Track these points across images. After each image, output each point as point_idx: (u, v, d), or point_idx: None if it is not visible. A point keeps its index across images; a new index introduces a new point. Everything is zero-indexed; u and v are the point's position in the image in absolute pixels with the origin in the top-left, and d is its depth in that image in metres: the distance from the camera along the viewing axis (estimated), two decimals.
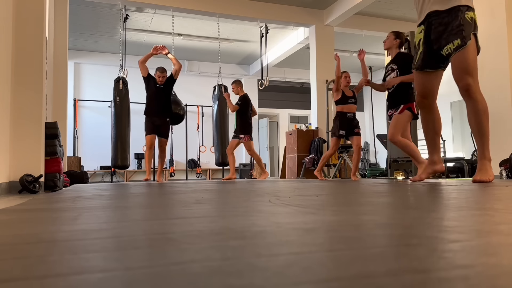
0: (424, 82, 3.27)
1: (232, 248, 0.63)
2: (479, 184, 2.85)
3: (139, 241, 0.72)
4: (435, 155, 3.39)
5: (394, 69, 4.41)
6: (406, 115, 4.30)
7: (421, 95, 3.32)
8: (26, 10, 3.73)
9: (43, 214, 1.38)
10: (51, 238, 0.81)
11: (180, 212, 1.30)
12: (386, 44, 4.52)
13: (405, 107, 4.30)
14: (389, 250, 0.60)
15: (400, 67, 4.35)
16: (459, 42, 2.98)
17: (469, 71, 2.97)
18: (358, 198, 1.84)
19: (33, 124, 3.64)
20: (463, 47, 2.97)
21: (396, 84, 4.37)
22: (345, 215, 1.11)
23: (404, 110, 4.29)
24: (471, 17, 3.00)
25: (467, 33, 2.96)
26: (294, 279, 0.44)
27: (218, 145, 7.83)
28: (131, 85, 7.35)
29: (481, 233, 0.75)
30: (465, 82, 2.99)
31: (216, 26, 8.93)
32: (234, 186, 3.59)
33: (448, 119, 10.73)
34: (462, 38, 2.97)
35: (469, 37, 2.96)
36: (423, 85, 3.28)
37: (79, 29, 9.64)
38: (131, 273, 0.48)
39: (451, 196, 1.78)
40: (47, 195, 2.84)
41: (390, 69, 4.47)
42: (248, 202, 1.63)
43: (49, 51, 5.47)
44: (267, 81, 8.75)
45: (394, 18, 9.34)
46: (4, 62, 3.36)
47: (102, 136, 10.43)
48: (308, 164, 8.39)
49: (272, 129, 14.40)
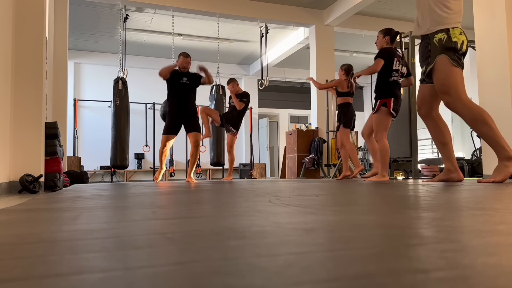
0: (422, 94, 3.46)
1: (232, 248, 0.63)
2: (480, 184, 2.85)
3: (139, 241, 0.72)
4: (448, 163, 3.42)
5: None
6: (382, 112, 4.32)
7: (418, 104, 3.53)
8: (26, 10, 3.73)
9: (43, 214, 1.38)
10: (51, 238, 0.81)
11: (180, 212, 1.30)
12: (378, 44, 4.61)
13: (381, 103, 4.34)
14: (389, 250, 0.60)
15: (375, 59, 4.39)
16: (426, 67, 3.28)
17: (443, 90, 3.20)
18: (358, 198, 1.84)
19: (33, 124, 3.63)
20: (431, 69, 3.22)
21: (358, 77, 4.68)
22: (345, 215, 1.11)
23: (380, 107, 4.33)
24: (438, 39, 3.20)
25: (432, 57, 3.22)
26: (294, 279, 0.44)
27: (213, 144, 7.82)
28: (131, 85, 7.35)
29: (481, 233, 0.75)
30: (443, 100, 3.24)
31: (216, 26, 8.93)
32: (234, 186, 3.59)
33: (448, 119, 10.73)
34: (427, 64, 3.26)
35: (433, 61, 3.20)
36: (420, 96, 3.48)
37: (79, 29, 9.64)
38: (131, 273, 0.48)
39: (451, 196, 1.79)
40: (47, 195, 2.84)
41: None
42: (248, 202, 1.63)
43: (49, 51, 5.47)
44: (267, 81, 8.75)
45: (394, 18, 9.34)
46: (4, 62, 3.36)
47: (102, 136, 10.42)
48: (308, 164, 8.39)
49: (272, 129, 14.39)
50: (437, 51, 3.20)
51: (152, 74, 11.74)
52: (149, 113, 11.57)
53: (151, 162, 11.31)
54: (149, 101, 11.49)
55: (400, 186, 2.95)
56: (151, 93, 11.34)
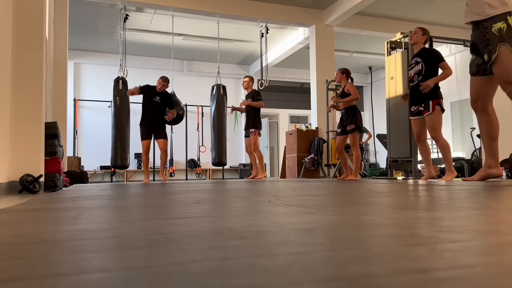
0: (476, 87, 3.39)
1: (232, 248, 0.63)
2: (480, 184, 2.85)
3: (139, 241, 0.72)
4: (490, 159, 3.38)
5: (419, 62, 4.48)
6: (438, 111, 4.34)
7: (472, 98, 3.44)
8: (26, 10, 3.73)
9: (43, 214, 1.38)
10: (51, 238, 0.81)
11: (180, 212, 1.30)
12: (414, 38, 4.56)
13: (434, 102, 4.34)
14: (389, 250, 0.60)
15: (426, 61, 4.41)
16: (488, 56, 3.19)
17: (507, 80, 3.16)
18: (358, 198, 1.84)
19: (33, 124, 3.63)
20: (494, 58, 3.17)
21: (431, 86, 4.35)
22: (345, 215, 1.11)
23: (435, 107, 4.33)
24: (498, 29, 3.13)
25: (493, 46, 3.15)
26: (294, 279, 0.44)
27: (215, 144, 7.83)
28: (131, 85, 7.35)
29: (481, 233, 0.75)
30: (507, 90, 3.20)
31: (216, 26, 8.93)
32: (234, 186, 3.59)
33: (448, 119, 10.74)
34: (488, 53, 3.18)
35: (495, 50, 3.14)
36: (475, 89, 3.41)
37: (79, 29, 9.64)
38: (131, 273, 0.48)
39: (451, 196, 1.78)
40: (47, 195, 2.84)
41: (415, 62, 4.53)
42: (248, 202, 1.63)
43: (49, 51, 5.47)
44: (267, 81, 8.75)
45: (394, 18, 9.34)
46: (4, 62, 3.36)
47: (102, 136, 10.43)
48: (308, 164, 8.39)
49: (272, 129, 14.39)
50: (497, 40, 3.13)
51: (152, 74, 11.75)
52: None
53: (151, 162, 11.30)
54: None
55: (400, 186, 2.95)
56: None
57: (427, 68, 4.38)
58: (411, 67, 4.56)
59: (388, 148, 6.37)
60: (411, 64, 4.59)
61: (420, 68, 4.42)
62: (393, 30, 8.63)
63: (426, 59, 4.41)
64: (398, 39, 6.31)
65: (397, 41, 6.32)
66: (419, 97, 4.38)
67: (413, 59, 4.56)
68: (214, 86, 7.82)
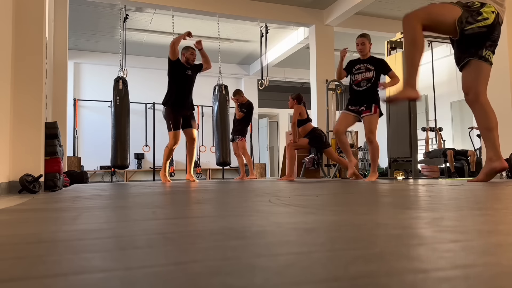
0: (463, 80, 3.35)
1: (232, 248, 0.63)
2: (479, 184, 2.85)
3: (139, 241, 0.72)
4: (490, 152, 3.22)
5: (370, 69, 4.81)
6: (377, 114, 4.76)
7: (464, 92, 3.38)
8: (26, 10, 3.73)
9: (43, 214, 1.38)
10: (51, 238, 0.81)
11: (180, 212, 1.30)
12: (363, 51, 4.88)
13: (376, 106, 4.73)
14: (389, 250, 0.60)
15: (377, 70, 4.78)
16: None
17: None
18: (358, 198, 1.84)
19: (33, 124, 3.63)
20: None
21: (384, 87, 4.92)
22: (345, 215, 1.11)
23: (376, 110, 4.73)
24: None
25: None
26: (294, 279, 0.44)
27: (218, 144, 7.83)
28: (131, 85, 7.35)
29: (481, 233, 0.75)
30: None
31: (216, 26, 8.92)
32: (234, 186, 3.59)
33: (448, 119, 10.73)
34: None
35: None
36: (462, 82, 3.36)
37: (79, 29, 9.63)
38: (131, 273, 0.48)
39: (451, 196, 1.78)
40: (47, 195, 2.84)
41: (365, 69, 4.84)
42: (248, 202, 1.63)
43: (49, 51, 5.47)
44: (267, 81, 8.74)
45: (394, 18, 9.34)
46: (4, 62, 3.36)
47: (102, 136, 10.42)
48: (308, 164, 8.38)
49: (272, 129, 14.38)
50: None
51: (152, 74, 11.76)
52: (149, 113, 11.57)
53: (151, 162, 11.30)
54: (149, 101, 11.49)
55: (400, 186, 2.95)
56: (151, 93, 11.34)
57: (377, 76, 4.78)
58: (360, 71, 4.87)
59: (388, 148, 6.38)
60: (359, 68, 4.88)
61: (371, 75, 4.78)
62: (393, 30, 8.63)
63: (377, 68, 4.78)
64: (398, 39, 6.32)
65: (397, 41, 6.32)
66: (362, 100, 4.78)
67: (363, 64, 4.87)
68: (216, 86, 7.81)
